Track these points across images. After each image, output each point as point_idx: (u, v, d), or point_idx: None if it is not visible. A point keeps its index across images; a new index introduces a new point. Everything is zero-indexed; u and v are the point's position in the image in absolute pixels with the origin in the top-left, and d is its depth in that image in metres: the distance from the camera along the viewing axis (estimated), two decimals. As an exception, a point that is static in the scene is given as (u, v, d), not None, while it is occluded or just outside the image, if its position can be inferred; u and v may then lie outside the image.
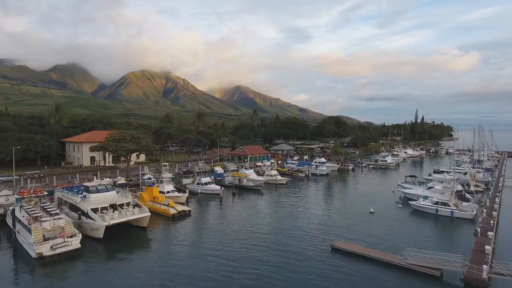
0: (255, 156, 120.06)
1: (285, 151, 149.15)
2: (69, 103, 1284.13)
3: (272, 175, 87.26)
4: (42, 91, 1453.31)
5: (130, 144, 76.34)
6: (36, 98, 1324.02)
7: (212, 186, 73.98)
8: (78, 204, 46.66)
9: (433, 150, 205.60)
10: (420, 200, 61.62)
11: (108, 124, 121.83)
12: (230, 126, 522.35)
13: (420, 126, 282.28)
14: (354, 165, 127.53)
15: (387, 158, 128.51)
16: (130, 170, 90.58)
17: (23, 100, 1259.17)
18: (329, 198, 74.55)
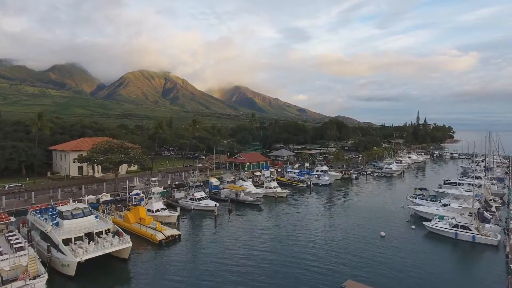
0: (254, 164, 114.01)
1: (285, 157, 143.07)
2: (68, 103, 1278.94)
3: (272, 188, 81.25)
4: (40, 91, 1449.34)
5: (118, 156, 70.23)
6: (35, 98, 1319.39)
7: (206, 202, 67.93)
8: (48, 233, 40.58)
9: (437, 155, 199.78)
10: (436, 220, 55.64)
11: (99, 130, 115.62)
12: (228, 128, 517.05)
13: (423, 129, 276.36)
14: (358, 173, 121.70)
15: (392, 165, 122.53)
16: (120, 181, 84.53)
17: (21, 100, 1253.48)
18: (334, 215, 68.42)
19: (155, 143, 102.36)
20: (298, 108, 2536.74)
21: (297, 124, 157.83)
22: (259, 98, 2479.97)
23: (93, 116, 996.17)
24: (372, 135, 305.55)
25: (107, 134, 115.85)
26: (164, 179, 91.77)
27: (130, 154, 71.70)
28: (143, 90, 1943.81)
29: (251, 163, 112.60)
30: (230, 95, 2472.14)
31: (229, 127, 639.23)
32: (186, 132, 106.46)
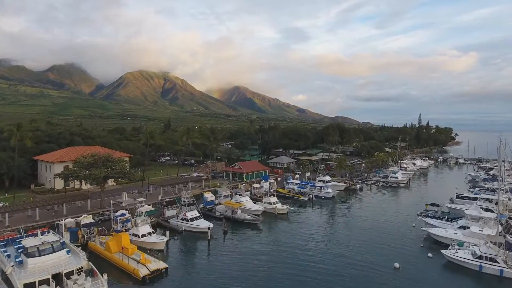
0: (252, 174, 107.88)
1: (285, 164, 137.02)
2: (67, 104, 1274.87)
3: (271, 203, 75.14)
4: (39, 91, 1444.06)
5: (103, 170, 64.09)
6: (33, 98, 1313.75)
7: (199, 222, 61.78)
8: (8, 275, 34.48)
9: (441, 160, 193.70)
10: (455, 248, 49.57)
11: (88, 138, 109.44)
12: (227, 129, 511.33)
13: (426, 132, 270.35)
14: (362, 182, 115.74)
15: (397, 174, 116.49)
16: (108, 194, 78.38)
17: (20, 100, 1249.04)
18: (339, 236, 62.23)
19: (146, 152, 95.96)
20: (298, 108, 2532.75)
21: (297, 129, 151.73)
22: (259, 98, 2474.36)
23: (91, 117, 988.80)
24: (374, 139, 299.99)
25: (97, 141, 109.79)
26: (156, 191, 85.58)
27: (116, 169, 65.49)
28: (142, 90, 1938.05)
29: (249, 172, 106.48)
30: (230, 95, 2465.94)
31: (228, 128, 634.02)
32: (179, 141, 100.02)
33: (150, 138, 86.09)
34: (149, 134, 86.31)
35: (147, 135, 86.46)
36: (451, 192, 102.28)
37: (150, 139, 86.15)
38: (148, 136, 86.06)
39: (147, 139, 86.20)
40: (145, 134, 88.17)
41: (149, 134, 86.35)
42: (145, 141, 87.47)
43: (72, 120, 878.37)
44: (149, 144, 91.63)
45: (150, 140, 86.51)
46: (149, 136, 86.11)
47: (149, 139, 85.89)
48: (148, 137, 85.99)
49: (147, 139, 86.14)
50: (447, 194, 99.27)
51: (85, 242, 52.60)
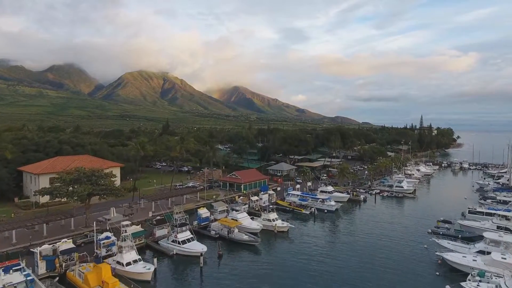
0: (251, 184, 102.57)
1: (285, 171, 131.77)
2: (65, 104, 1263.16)
3: (271, 220, 69.80)
4: (38, 91, 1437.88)
5: (87, 187, 58.71)
6: (32, 99, 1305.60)
7: (192, 245, 56.44)
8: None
9: (445, 165, 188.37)
10: (476, 280, 44.24)
11: (78, 146, 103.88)
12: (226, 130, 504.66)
13: (428, 135, 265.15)
14: (366, 191, 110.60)
15: (403, 183, 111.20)
16: (95, 209, 73.13)
17: (18, 101, 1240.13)
18: (344, 260, 56.90)
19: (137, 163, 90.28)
20: (297, 108, 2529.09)
21: (297, 134, 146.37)
22: (258, 98, 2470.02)
23: (90, 117, 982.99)
24: (375, 141, 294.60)
25: (88, 149, 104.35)
26: (148, 205, 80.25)
27: (102, 185, 60.12)
28: (141, 90, 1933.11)
29: (247, 182, 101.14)
30: (229, 96, 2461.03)
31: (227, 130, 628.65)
32: (173, 151, 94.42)
33: (140, 149, 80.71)
34: (140, 144, 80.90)
35: (137, 146, 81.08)
36: (460, 203, 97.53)
37: (140, 149, 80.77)
38: (138, 146, 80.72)
39: (137, 150, 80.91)
40: (136, 145, 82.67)
41: (140, 144, 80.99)
42: (136, 152, 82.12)
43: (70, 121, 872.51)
44: (139, 155, 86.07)
45: (141, 152, 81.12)
46: (140, 146, 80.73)
47: (140, 150, 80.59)
48: (139, 147, 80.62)
49: (137, 150, 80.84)
50: (457, 206, 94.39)
51: (63, 271, 47.28)
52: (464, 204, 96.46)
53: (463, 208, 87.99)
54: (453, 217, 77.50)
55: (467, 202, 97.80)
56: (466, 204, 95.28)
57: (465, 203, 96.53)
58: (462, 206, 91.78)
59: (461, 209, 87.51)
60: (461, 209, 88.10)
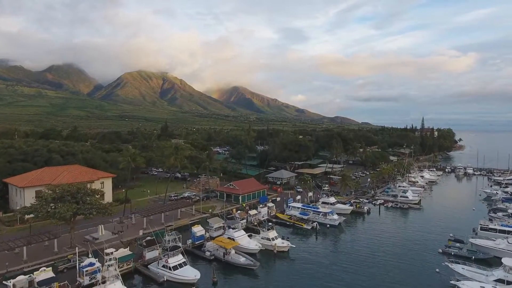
0: (249, 194, 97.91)
1: (285, 179, 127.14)
2: (64, 104, 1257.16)
3: (270, 239, 65.17)
4: (37, 91, 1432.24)
5: (70, 206, 54.04)
6: (31, 99, 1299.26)
7: (184, 271, 51.81)
8: None
9: (449, 170, 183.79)
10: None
11: (69, 154, 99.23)
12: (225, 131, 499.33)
13: (431, 138, 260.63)
14: (369, 201, 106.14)
15: (408, 193, 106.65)
16: (82, 226, 68.48)
17: (17, 101, 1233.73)
18: (350, 283, 52.39)
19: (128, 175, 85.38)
20: (297, 108, 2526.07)
21: (298, 140, 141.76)
22: (257, 98, 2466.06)
23: (89, 118, 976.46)
24: (376, 143, 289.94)
25: (79, 158, 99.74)
26: (140, 220, 75.48)
27: (88, 203, 55.45)
28: (140, 90, 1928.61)
29: (246, 193, 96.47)
30: (229, 96, 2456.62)
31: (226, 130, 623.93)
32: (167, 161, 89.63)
33: (131, 161, 75.94)
34: (131, 157, 76.15)
35: (128, 158, 76.28)
36: (469, 215, 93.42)
37: (131, 161, 75.99)
38: (129, 159, 75.92)
39: (128, 163, 76.16)
40: (125, 158, 77.76)
41: (131, 156, 76.27)
42: (126, 165, 77.33)
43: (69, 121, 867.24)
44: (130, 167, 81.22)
45: (131, 165, 76.39)
46: (131, 158, 75.98)
47: (131, 163, 75.81)
48: (130, 159, 75.83)
49: (128, 162, 76.10)
50: (466, 219, 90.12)
51: (40, 306, 42.66)
52: (473, 215, 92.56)
53: (472, 221, 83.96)
54: (464, 233, 73.19)
55: (476, 214, 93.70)
56: (475, 216, 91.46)
57: (474, 215, 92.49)
58: (471, 219, 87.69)
59: (470, 222, 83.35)
60: (470, 222, 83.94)
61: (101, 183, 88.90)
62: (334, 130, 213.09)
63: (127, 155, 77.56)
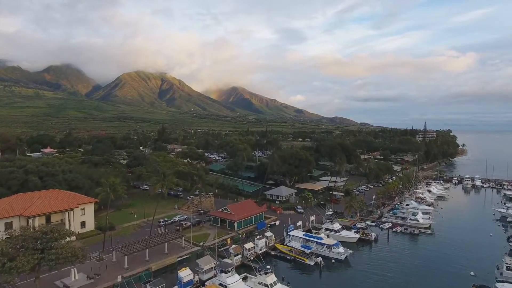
0: (246, 220, 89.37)
1: (285, 197, 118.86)
2: (62, 105, 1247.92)
3: (268, 285, 56.62)
4: (34, 92, 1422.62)
5: (31, 259, 45.36)
6: (28, 100, 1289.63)
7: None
8: None
9: (456, 181, 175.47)
10: None
11: (49, 175, 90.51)
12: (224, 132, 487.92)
13: (434, 145, 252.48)
14: (376, 225, 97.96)
15: (417, 216, 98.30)
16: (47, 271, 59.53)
17: (14, 102, 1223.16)
18: None
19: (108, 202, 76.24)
20: (296, 109, 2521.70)
21: (298, 153, 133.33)
22: (256, 99, 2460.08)
23: (86, 119, 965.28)
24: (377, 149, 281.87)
25: (59, 179, 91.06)
26: (121, 259, 66.64)
27: (54, 251, 46.80)
28: (139, 91, 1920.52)
29: (242, 218, 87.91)
30: (227, 96, 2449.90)
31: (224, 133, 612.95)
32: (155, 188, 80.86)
33: (111, 192, 67.17)
34: (110, 187, 67.33)
35: (106, 189, 67.52)
36: (486, 242, 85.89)
37: (112, 192, 67.28)
38: (108, 190, 67.18)
39: (107, 194, 67.45)
40: (104, 188, 68.94)
41: (110, 186, 67.46)
42: (105, 196, 68.60)
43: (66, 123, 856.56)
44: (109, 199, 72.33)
45: (111, 196, 67.74)
46: (110, 189, 67.23)
47: (110, 194, 67.13)
48: (109, 190, 67.10)
49: (107, 193, 67.39)
50: (483, 247, 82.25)
51: None
52: (491, 243, 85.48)
53: (492, 250, 77.56)
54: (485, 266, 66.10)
55: (494, 241, 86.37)
56: (493, 243, 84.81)
57: (492, 242, 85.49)
58: (489, 248, 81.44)
59: (489, 253, 76.52)
60: (489, 252, 77.30)
61: (81, 209, 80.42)
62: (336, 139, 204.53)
63: (106, 185, 68.85)
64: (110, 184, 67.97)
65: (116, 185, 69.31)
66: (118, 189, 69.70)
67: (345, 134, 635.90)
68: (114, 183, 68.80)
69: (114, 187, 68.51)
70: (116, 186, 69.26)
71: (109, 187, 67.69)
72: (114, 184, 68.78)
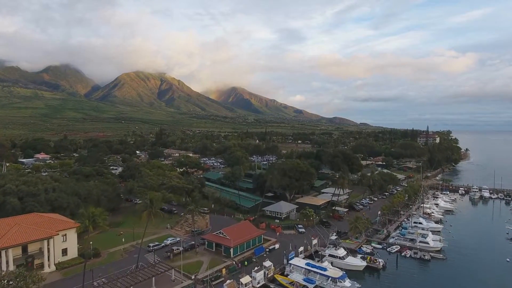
0: (243, 244, 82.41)
1: (285, 213, 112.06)
2: (61, 106, 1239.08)
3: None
4: (33, 93, 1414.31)
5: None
6: (27, 100, 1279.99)
7: None
8: None
9: (462, 192, 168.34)
10: None
11: (30, 195, 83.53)
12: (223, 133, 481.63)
13: (438, 151, 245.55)
14: (382, 247, 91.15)
15: (428, 238, 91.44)
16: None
17: (13, 103, 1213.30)
18: None
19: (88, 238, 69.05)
20: (295, 109, 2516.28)
21: (299, 166, 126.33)
22: (256, 99, 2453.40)
23: (85, 120, 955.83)
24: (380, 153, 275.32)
25: (41, 200, 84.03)
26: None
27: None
28: (138, 91, 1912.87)
29: (238, 243, 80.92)
30: (227, 96, 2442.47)
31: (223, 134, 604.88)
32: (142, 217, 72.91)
33: (89, 224, 60.12)
34: (88, 220, 60.18)
35: (85, 221, 60.32)
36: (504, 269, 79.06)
37: (89, 225, 60.21)
38: (87, 222, 60.10)
39: (85, 227, 60.43)
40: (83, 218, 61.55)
41: (88, 219, 60.25)
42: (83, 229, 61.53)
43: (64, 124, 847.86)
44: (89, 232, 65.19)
45: (87, 237, 60.61)
46: (88, 222, 60.11)
47: (88, 227, 60.09)
48: (87, 223, 60.02)
49: (85, 226, 60.37)
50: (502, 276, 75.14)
51: None
52: (509, 270, 78.57)
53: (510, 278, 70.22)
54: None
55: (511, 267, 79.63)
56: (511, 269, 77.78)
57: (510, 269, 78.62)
58: (508, 276, 73.86)
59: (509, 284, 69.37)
60: (508, 282, 70.04)
61: (63, 235, 73.40)
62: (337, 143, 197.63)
63: (85, 217, 61.77)
64: (89, 216, 60.98)
65: (96, 216, 62.24)
66: (98, 221, 62.61)
67: (345, 136, 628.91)
68: (94, 214, 61.73)
69: (94, 219, 61.54)
70: (96, 218, 62.19)
71: (88, 218, 60.70)
72: (94, 215, 61.71)
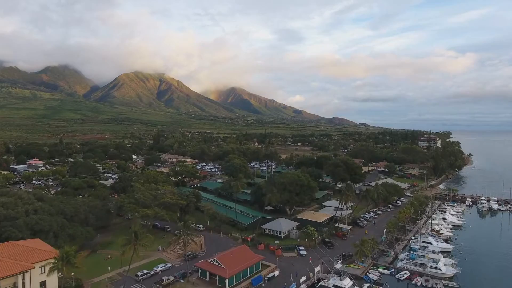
0: (239, 273, 75.55)
1: (285, 232, 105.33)
2: (59, 107, 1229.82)
3: None
4: (31, 93, 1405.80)
5: None
6: (25, 101, 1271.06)
7: None
8: None
9: (469, 203, 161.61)
10: None
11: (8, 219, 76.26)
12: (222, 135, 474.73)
13: (442, 156, 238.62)
14: (391, 273, 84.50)
15: (439, 263, 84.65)
16: None
17: (10, 103, 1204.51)
18: None
19: None
20: (294, 109, 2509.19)
21: (300, 178, 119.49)
22: (255, 99, 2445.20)
23: (83, 121, 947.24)
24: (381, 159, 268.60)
25: (20, 225, 77.12)
26: None
27: None
28: (137, 91, 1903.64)
29: (234, 272, 74.07)
30: (226, 97, 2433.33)
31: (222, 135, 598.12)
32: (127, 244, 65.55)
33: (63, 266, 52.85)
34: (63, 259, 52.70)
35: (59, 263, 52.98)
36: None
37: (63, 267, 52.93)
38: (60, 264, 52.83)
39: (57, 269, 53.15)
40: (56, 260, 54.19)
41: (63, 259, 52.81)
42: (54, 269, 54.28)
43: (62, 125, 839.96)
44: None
45: (65, 275, 53.72)
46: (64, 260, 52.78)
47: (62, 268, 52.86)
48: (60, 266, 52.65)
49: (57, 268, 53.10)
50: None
51: None
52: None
53: None
54: None
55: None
56: None
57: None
58: None
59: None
60: None
61: (41, 267, 66.32)
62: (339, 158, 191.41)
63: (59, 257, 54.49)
64: (63, 256, 53.83)
65: (71, 257, 54.80)
66: (73, 261, 55.14)
67: (345, 138, 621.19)
68: (68, 254, 54.38)
69: (68, 259, 54.32)
70: (71, 258, 54.80)
71: (61, 259, 53.60)
72: (68, 255, 54.37)
